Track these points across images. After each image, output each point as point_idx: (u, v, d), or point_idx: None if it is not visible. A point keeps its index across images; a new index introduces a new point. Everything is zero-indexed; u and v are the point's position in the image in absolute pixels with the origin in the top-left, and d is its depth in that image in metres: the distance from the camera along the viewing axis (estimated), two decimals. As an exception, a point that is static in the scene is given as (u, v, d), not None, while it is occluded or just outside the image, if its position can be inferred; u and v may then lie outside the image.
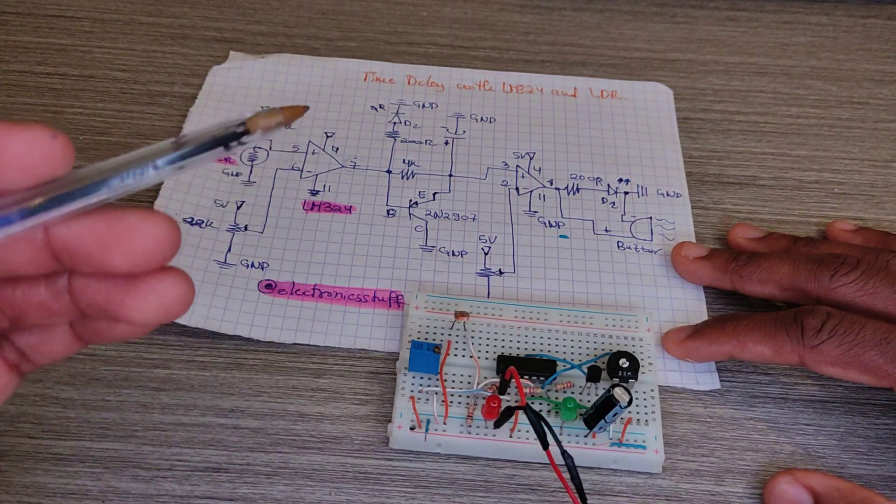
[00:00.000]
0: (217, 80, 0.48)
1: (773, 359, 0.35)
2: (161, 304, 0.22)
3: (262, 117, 0.23)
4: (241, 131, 0.22)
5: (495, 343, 0.37)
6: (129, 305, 0.22)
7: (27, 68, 0.49)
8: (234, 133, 0.22)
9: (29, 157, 0.20)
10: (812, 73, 0.52)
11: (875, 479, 0.35)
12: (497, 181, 0.45)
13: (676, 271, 0.41)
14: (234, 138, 0.22)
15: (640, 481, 0.34)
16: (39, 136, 0.21)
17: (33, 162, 0.21)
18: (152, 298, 0.22)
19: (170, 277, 0.22)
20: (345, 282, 0.40)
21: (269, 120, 0.23)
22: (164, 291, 0.22)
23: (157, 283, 0.22)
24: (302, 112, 0.24)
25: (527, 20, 0.54)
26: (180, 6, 0.53)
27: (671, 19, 0.55)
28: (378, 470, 0.34)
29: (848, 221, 0.43)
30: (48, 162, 0.21)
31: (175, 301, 0.22)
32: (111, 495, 0.33)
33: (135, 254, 0.21)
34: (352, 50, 0.51)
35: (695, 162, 0.47)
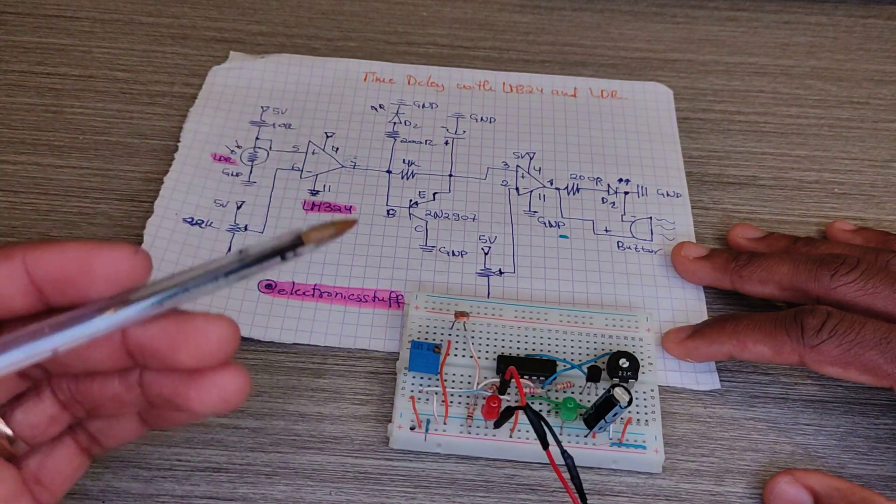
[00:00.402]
0: (217, 80, 0.48)
1: (773, 359, 0.35)
2: (221, 396, 0.25)
3: (316, 231, 0.25)
4: (297, 243, 0.24)
5: (495, 343, 0.37)
6: (193, 397, 0.25)
7: (27, 68, 0.49)
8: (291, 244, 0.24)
9: (115, 273, 0.24)
10: (812, 73, 0.52)
11: (875, 479, 0.35)
12: (497, 181, 0.45)
13: (676, 271, 0.41)
14: (290, 249, 0.24)
15: (640, 481, 0.34)
16: (124, 254, 0.24)
17: (119, 276, 0.24)
18: (214, 392, 0.25)
19: (230, 373, 0.25)
20: (345, 282, 0.40)
21: (321, 233, 0.25)
22: (224, 385, 0.25)
23: (219, 378, 0.25)
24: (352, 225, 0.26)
25: (527, 20, 0.54)
26: (180, 6, 0.53)
27: (671, 19, 0.55)
28: (378, 470, 0.34)
29: (848, 221, 0.43)
30: (131, 276, 0.24)
31: (234, 393, 0.25)
32: (111, 495, 0.33)
33: (200, 352, 0.24)
34: (352, 50, 0.51)
35: (695, 162, 0.47)
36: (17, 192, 0.42)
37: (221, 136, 0.46)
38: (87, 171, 0.44)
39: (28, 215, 0.42)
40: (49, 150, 0.44)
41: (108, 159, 0.44)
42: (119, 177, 0.44)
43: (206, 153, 0.45)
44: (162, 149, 0.45)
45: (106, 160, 0.44)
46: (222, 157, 0.45)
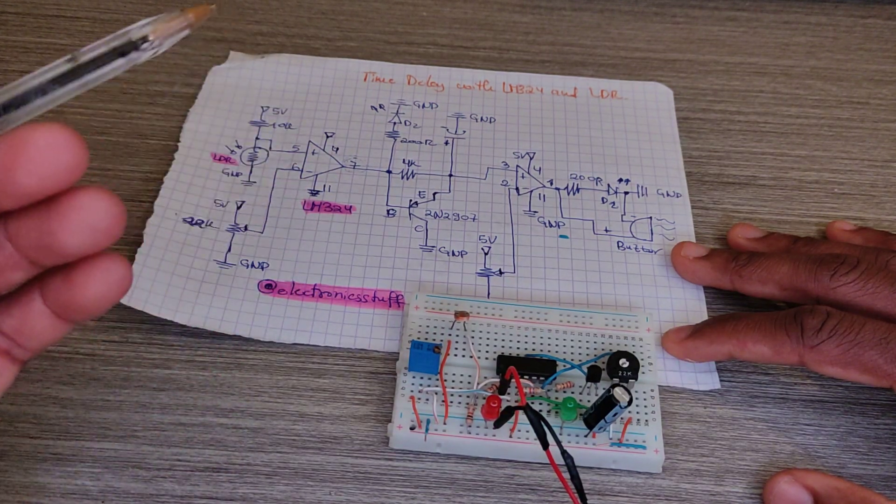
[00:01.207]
0: (217, 80, 0.48)
1: (772, 358, 0.35)
2: (87, 222, 0.22)
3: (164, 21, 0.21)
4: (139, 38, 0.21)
5: (495, 343, 0.37)
6: (58, 230, 0.22)
7: (27, 68, 0.49)
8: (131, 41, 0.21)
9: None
10: (812, 73, 0.52)
11: (875, 479, 0.35)
12: (497, 181, 0.45)
13: (676, 271, 0.41)
14: (132, 47, 0.21)
15: (640, 481, 0.34)
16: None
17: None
18: (75, 217, 0.22)
19: (88, 194, 0.22)
20: (345, 282, 0.40)
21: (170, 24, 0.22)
22: (85, 207, 0.22)
23: (77, 199, 0.22)
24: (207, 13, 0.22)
25: (527, 20, 0.54)
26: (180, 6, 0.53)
27: (671, 19, 0.55)
28: (378, 470, 0.34)
29: (848, 221, 0.43)
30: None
31: (101, 214, 0.22)
32: (111, 495, 0.33)
33: (37, 166, 0.21)
34: (352, 50, 0.51)
35: (695, 162, 0.47)
36: (17, 192, 0.42)
37: (221, 136, 0.46)
38: (87, 171, 0.44)
39: (28, 215, 0.42)
40: (49, 150, 0.44)
41: (108, 159, 0.44)
42: (119, 177, 0.44)
43: (206, 153, 0.45)
44: (162, 149, 0.45)
45: (106, 160, 0.44)
46: (222, 156, 0.45)
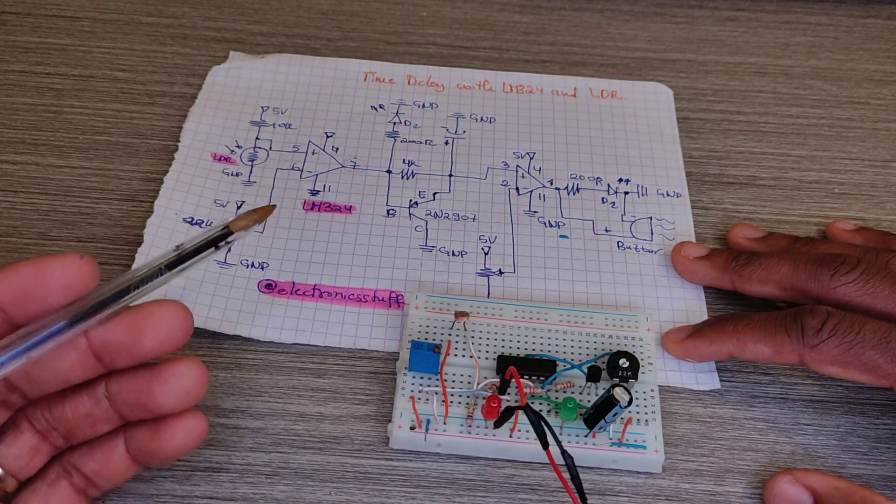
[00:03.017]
0: (217, 80, 0.48)
1: (773, 358, 0.35)
2: (182, 386, 0.28)
3: (241, 220, 0.29)
4: (226, 234, 0.29)
5: (495, 343, 0.37)
6: (158, 392, 0.28)
7: (27, 68, 0.49)
8: (221, 235, 0.29)
9: (66, 280, 0.26)
10: (812, 73, 0.52)
11: (875, 479, 0.35)
12: (497, 181, 0.45)
13: (676, 271, 0.41)
14: (221, 239, 0.29)
15: (640, 481, 0.34)
16: (71, 262, 0.26)
17: (70, 283, 0.26)
18: (174, 382, 0.28)
19: (185, 364, 0.28)
20: (345, 282, 0.40)
21: (245, 221, 0.29)
22: (183, 374, 0.28)
23: (176, 368, 0.28)
24: (271, 211, 0.31)
25: (527, 20, 0.54)
26: (180, 6, 0.53)
27: (671, 19, 0.55)
28: (378, 470, 0.34)
29: (848, 221, 0.43)
30: (80, 281, 0.26)
31: (194, 382, 0.28)
32: (111, 495, 0.33)
33: (159, 335, 0.27)
34: (352, 50, 0.51)
35: (695, 162, 0.47)
36: (17, 192, 0.42)
37: (221, 136, 0.46)
38: (87, 171, 0.44)
39: (28, 215, 0.42)
40: (49, 150, 0.44)
41: (108, 159, 0.44)
42: (119, 177, 0.44)
43: (206, 153, 0.45)
44: (162, 149, 0.45)
45: (106, 160, 0.44)
46: (222, 156, 0.45)
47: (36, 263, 0.26)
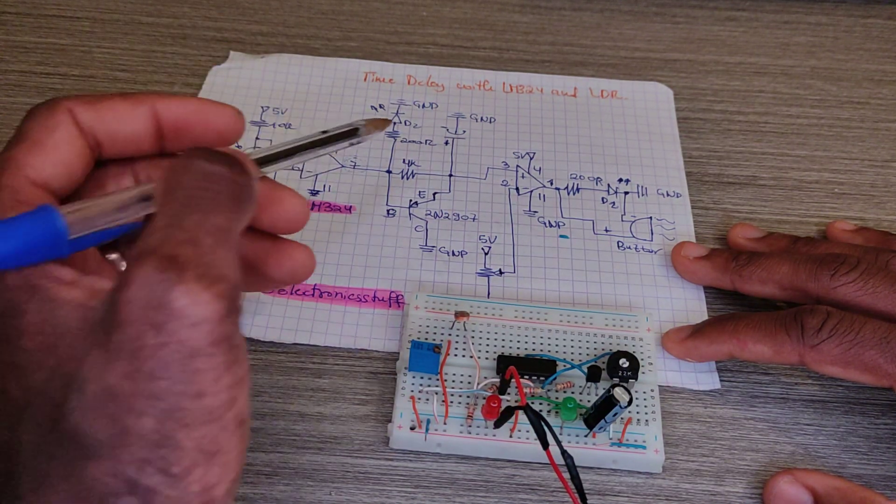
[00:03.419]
0: (217, 80, 0.48)
1: (773, 358, 0.35)
2: (293, 268, 0.30)
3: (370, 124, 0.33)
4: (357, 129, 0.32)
5: (495, 343, 0.37)
6: (272, 264, 0.30)
7: (27, 68, 0.49)
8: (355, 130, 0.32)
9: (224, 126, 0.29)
10: (812, 73, 0.52)
11: (875, 479, 0.35)
12: (497, 181, 0.45)
13: (676, 271, 0.41)
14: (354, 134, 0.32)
15: (640, 481, 0.34)
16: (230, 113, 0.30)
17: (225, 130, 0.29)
18: (287, 262, 0.30)
19: (300, 249, 0.31)
20: (345, 282, 0.40)
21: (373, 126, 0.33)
22: (297, 257, 0.30)
23: (294, 251, 0.30)
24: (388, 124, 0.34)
25: (527, 20, 0.54)
26: (180, 6, 0.53)
27: (671, 19, 0.55)
28: (378, 470, 0.34)
29: (848, 221, 0.43)
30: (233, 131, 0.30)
31: (303, 266, 0.31)
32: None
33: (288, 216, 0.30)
34: (352, 50, 0.51)
35: (695, 162, 0.47)
36: (17, 192, 0.42)
37: (221, 136, 0.46)
38: (87, 171, 0.44)
39: (28, 215, 0.41)
40: (49, 150, 0.44)
41: (108, 159, 0.44)
42: (119, 177, 0.44)
43: (206, 153, 0.45)
44: (162, 149, 0.45)
45: (106, 160, 0.44)
46: (222, 157, 0.45)
47: (202, 102, 0.29)
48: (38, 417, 0.22)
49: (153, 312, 0.21)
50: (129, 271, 0.22)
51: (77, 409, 0.22)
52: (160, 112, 0.28)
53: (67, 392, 0.22)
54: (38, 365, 0.22)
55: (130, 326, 0.21)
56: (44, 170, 0.26)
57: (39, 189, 0.25)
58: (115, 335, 0.22)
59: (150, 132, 0.28)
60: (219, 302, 0.22)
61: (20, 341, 0.23)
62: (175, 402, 0.22)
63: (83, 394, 0.22)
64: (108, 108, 0.27)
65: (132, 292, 0.21)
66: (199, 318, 0.22)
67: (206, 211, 0.24)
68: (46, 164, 0.26)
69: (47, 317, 0.23)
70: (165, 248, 0.22)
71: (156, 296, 0.21)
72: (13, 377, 0.23)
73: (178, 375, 0.22)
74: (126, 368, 0.21)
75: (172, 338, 0.22)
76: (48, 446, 0.22)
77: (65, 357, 0.22)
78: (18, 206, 0.24)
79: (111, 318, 0.22)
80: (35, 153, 0.26)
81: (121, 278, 0.22)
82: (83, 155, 0.27)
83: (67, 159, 0.26)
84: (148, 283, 0.21)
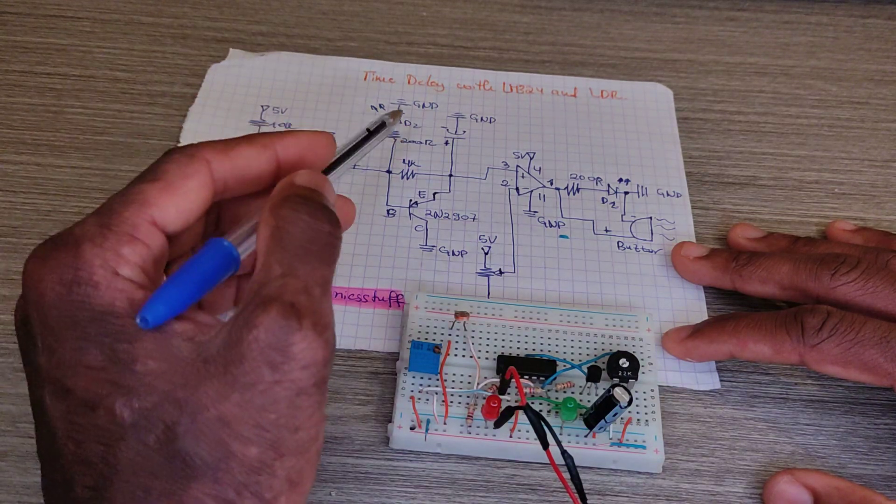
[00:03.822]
0: (217, 79, 0.48)
1: (773, 358, 0.35)
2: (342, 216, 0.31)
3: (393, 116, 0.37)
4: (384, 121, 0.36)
5: (495, 343, 0.37)
6: None
7: (27, 68, 0.49)
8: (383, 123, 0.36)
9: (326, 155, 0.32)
10: (812, 73, 0.52)
11: (875, 478, 0.35)
12: (497, 181, 0.45)
13: (676, 271, 0.41)
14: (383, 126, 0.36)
15: (640, 481, 0.34)
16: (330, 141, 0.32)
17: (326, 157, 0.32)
18: None
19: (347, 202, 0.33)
20: (345, 282, 0.40)
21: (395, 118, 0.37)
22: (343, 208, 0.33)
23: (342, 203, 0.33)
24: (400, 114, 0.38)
25: (527, 20, 0.54)
26: (180, 6, 0.53)
27: (671, 19, 0.55)
28: (378, 470, 0.34)
29: (848, 221, 0.43)
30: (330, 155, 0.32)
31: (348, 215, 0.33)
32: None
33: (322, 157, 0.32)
34: (352, 50, 0.51)
35: (695, 162, 0.47)
36: (17, 192, 0.42)
37: (221, 135, 0.45)
38: (87, 171, 0.44)
39: (28, 215, 0.42)
40: (49, 150, 0.44)
41: (108, 159, 0.44)
42: (119, 177, 0.44)
43: (206, 153, 0.45)
44: (162, 149, 0.45)
45: (106, 160, 0.44)
46: (222, 157, 0.45)
47: (310, 136, 0.31)
48: (144, 437, 0.24)
49: (273, 353, 0.24)
50: (255, 314, 0.24)
51: (189, 433, 0.24)
52: (280, 152, 0.30)
53: (179, 416, 0.24)
54: (149, 388, 0.24)
55: (250, 363, 0.24)
56: (168, 213, 0.27)
57: (156, 229, 0.27)
58: (233, 368, 0.24)
59: (271, 172, 0.30)
60: (326, 349, 0.25)
61: (133, 365, 0.24)
62: (277, 434, 0.24)
63: (196, 419, 0.24)
64: (239, 154, 0.29)
65: (258, 334, 0.24)
66: (310, 361, 0.24)
67: (314, 264, 0.26)
68: (171, 208, 0.27)
69: (160, 345, 0.25)
70: (287, 296, 0.25)
71: (278, 339, 0.24)
72: (122, 397, 0.24)
73: (284, 410, 0.24)
74: (240, 399, 0.24)
75: (286, 377, 0.24)
76: (152, 465, 0.24)
77: (177, 383, 0.24)
78: (131, 241, 0.26)
79: (231, 353, 0.24)
80: (166, 196, 0.27)
81: (244, 319, 0.24)
82: (206, 202, 0.29)
83: (193, 207, 0.28)
84: (273, 327, 0.24)
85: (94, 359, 0.25)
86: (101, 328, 0.25)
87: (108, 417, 0.24)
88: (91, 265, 0.25)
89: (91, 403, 0.24)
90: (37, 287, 0.25)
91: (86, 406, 0.24)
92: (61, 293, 0.25)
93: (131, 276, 0.26)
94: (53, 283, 0.25)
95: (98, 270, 0.25)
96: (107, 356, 0.25)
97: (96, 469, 0.24)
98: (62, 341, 0.25)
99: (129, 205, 0.27)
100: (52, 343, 0.25)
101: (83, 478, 0.24)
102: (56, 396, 0.25)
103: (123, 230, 0.26)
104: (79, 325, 0.25)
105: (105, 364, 0.25)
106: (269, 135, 0.31)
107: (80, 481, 0.24)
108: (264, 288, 0.25)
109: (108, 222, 0.26)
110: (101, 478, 0.24)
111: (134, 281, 0.26)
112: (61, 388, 0.25)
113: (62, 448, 0.25)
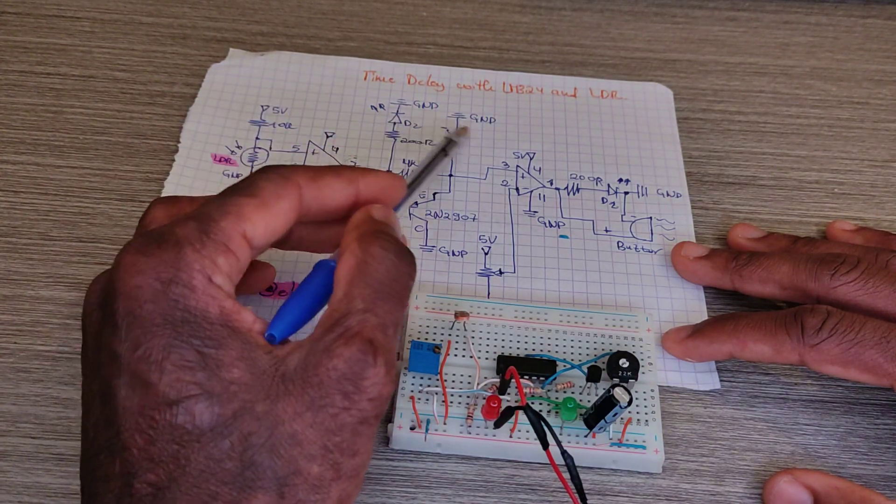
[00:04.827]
0: (217, 79, 0.48)
1: (773, 358, 0.35)
2: None
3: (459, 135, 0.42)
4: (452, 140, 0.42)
5: (495, 343, 0.37)
6: None
7: (27, 68, 0.49)
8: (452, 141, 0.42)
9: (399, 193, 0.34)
10: (812, 73, 0.52)
11: (875, 479, 0.35)
12: (497, 181, 0.45)
13: (676, 271, 0.41)
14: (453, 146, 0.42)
15: (640, 481, 0.34)
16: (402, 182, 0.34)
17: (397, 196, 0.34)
18: None
19: None
20: (345, 282, 0.40)
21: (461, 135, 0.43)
22: None
23: None
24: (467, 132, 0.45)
25: (527, 20, 0.54)
26: (180, 6, 0.53)
27: (671, 19, 0.55)
28: (378, 470, 0.34)
29: (848, 221, 0.43)
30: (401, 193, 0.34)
31: None
32: (111, 495, 0.33)
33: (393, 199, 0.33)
34: (352, 50, 0.51)
35: (695, 162, 0.47)
36: (17, 192, 0.42)
37: (221, 135, 0.46)
38: (87, 171, 0.44)
39: (28, 215, 0.42)
40: (49, 150, 0.44)
41: (108, 159, 0.44)
42: (119, 177, 0.44)
43: (207, 154, 0.45)
44: (162, 149, 0.45)
45: (106, 160, 0.44)
46: (223, 157, 0.45)
47: (388, 177, 0.33)
48: (219, 442, 0.25)
49: (347, 383, 0.26)
50: (337, 344, 0.26)
51: (264, 445, 0.25)
52: (361, 188, 0.32)
53: (257, 427, 0.25)
54: (231, 396, 0.25)
55: (326, 389, 0.26)
56: (258, 229, 0.29)
57: (245, 243, 0.28)
58: (310, 390, 0.26)
59: (350, 204, 0.32)
60: (391, 385, 0.27)
61: (220, 371, 0.26)
62: (339, 457, 0.26)
63: (272, 432, 0.25)
64: (327, 185, 0.31)
65: (338, 364, 0.26)
66: (377, 395, 0.26)
67: (393, 303, 0.28)
68: (262, 225, 0.29)
69: (246, 355, 0.26)
70: (366, 332, 0.27)
71: (354, 372, 0.26)
72: (205, 400, 0.25)
73: (348, 436, 0.26)
74: (312, 420, 0.26)
75: (354, 406, 0.26)
76: (222, 471, 0.25)
77: (258, 395, 0.26)
78: (225, 252, 0.27)
79: (309, 375, 0.26)
80: (259, 213, 0.29)
81: (325, 345, 0.26)
82: (291, 224, 0.30)
83: (279, 227, 0.30)
84: (351, 360, 0.26)
85: (184, 359, 0.25)
86: (193, 331, 0.26)
87: (187, 418, 0.25)
88: (191, 268, 0.26)
89: (172, 402, 0.25)
90: (133, 279, 0.26)
91: (166, 403, 0.25)
92: (158, 290, 0.26)
93: (222, 284, 0.27)
94: (152, 278, 0.26)
95: (196, 275, 0.26)
96: (196, 359, 0.25)
97: (164, 468, 0.24)
98: (152, 336, 0.25)
99: (226, 215, 0.28)
100: (139, 336, 0.25)
101: (147, 474, 0.24)
102: (133, 389, 0.25)
103: (220, 239, 0.27)
104: (172, 323, 0.26)
105: (194, 366, 0.25)
106: (353, 169, 0.32)
107: (142, 477, 0.24)
108: (346, 319, 0.27)
109: (208, 230, 0.27)
110: (168, 477, 0.24)
111: (224, 289, 0.27)
112: (142, 381, 0.25)
113: (127, 441, 0.25)
